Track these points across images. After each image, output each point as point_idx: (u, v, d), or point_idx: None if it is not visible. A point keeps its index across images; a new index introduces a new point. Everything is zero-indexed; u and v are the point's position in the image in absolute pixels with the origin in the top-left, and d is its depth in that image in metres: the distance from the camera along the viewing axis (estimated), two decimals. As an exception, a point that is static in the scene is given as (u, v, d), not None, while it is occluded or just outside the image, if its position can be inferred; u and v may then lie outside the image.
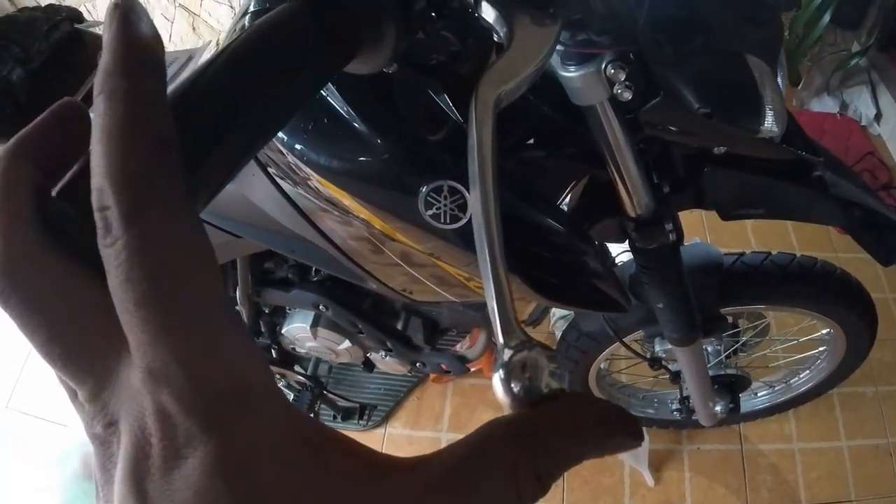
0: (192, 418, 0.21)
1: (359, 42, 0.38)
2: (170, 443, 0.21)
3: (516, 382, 0.27)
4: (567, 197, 0.92)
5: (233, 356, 0.22)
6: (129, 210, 0.22)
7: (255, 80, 0.30)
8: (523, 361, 0.28)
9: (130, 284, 0.21)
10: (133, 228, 0.22)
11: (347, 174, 0.72)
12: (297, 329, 1.47)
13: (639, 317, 1.33)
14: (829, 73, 2.77)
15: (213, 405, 0.21)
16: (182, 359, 0.21)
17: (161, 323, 0.21)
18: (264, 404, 0.22)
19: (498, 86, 0.39)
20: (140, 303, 0.21)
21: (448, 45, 0.57)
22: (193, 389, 0.21)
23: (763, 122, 0.64)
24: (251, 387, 0.22)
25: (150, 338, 0.21)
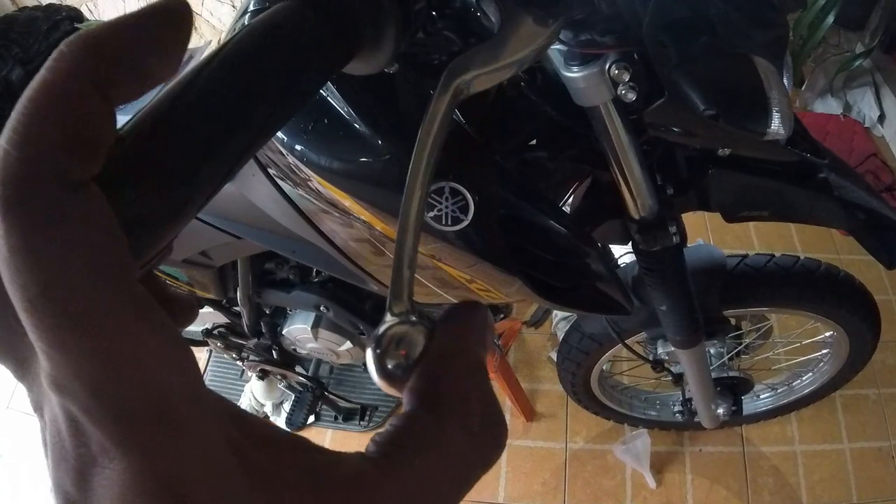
0: (104, 433, 0.18)
1: (358, 42, 0.37)
2: (85, 451, 0.19)
3: (390, 359, 0.26)
4: (569, 198, 0.92)
5: (149, 367, 0.19)
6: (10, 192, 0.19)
7: (251, 80, 0.30)
8: (399, 335, 0.27)
9: (16, 288, 0.19)
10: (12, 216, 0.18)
11: (348, 175, 0.71)
12: (298, 330, 1.47)
13: (641, 319, 1.32)
14: (833, 74, 2.76)
15: (125, 425, 0.19)
16: (85, 375, 0.18)
17: (57, 332, 0.18)
18: (192, 419, 0.20)
19: (469, 69, 0.38)
20: (29, 308, 0.18)
21: (450, 44, 0.56)
22: (100, 407, 0.18)
23: (770, 124, 0.63)
24: (170, 402, 0.20)
25: (47, 348, 0.18)
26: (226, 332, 1.66)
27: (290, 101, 0.32)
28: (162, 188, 0.26)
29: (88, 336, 0.18)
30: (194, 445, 0.19)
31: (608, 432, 2.04)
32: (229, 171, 0.29)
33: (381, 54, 0.40)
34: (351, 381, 2.18)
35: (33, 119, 0.19)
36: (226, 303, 1.52)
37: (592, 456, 2.02)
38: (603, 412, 1.90)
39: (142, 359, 0.19)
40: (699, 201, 0.90)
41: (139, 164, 0.24)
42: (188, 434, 0.19)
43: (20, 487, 2.12)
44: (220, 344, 1.67)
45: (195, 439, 0.20)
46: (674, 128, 0.72)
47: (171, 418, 0.19)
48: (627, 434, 2.00)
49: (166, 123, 0.26)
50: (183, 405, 0.20)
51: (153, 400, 0.19)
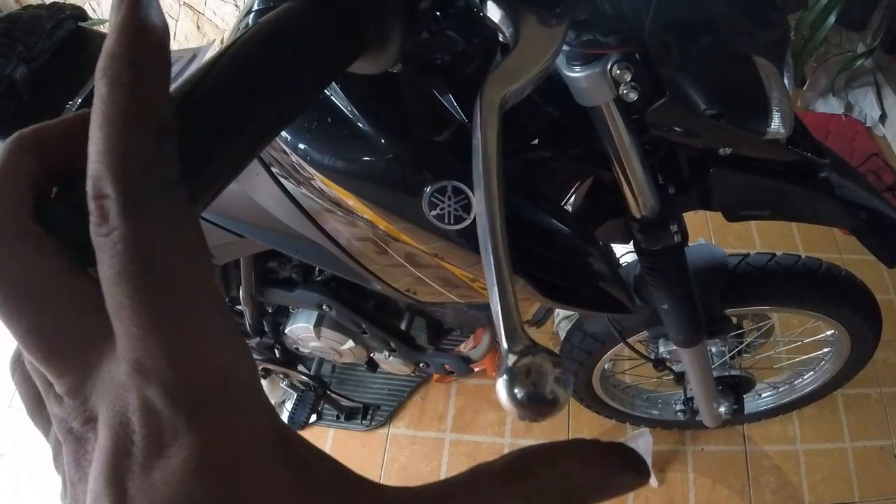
0: (179, 413, 0.20)
1: (364, 41, 0.38)
2: (154, 438, 0.20)
3: (520, 389, 0.27)
4: (571, 198, 0.92)
5: (221, 353, 0.22)
6: (128, 200, 0.21)
7: (258, 79, 0.30)
8: (528, 367, 0.27)
9: (125, 277, 0.21)
10: (131, 219, 0.21)
11: (351, 174, 0.71)
12: (300, 329, 1.47)
13: (643, 318, 1.32)
14: (835, 74, 2.76)
15: (200, 401, 0.21)
16: (173, 354, 0.21)
17: (153, 317, 0.21)
18: (249, 403, 0.22)
19: (503, 86, 0.39)
20: (133, 296, 0.21)
21: (453, 44, 0.57)
22: (181, 385, 0.20)
23: (770, 123, 0.64)
24: (237, 385, 0.22)
25: (141, 331, 0.21)
26: (228, 331, 1.66)
27: (295, 100, 0.32)
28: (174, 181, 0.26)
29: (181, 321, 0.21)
30: (251, 430, 0.21)
31: (610, 431, 2.04)
32: (235, 169, 0.30)
33: (386, 54, 0.40)
34: (353, 380, 2.18)
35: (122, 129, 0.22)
36: (228, 301, 1.52)
37: (594, 455, 2.01)
38: (605, 411, 1.90)
39: (220, 343, 0.22)
40: (700, 200, 0.90)
41: None
42: (248, 419, 0.22)
43: (20, 487, 2.13)
44: (222, 343, 1.67)
45: (252, 425, 0.22)
46: (675, 127, 0.72)
47: (236, 401, 0.22)
48: (629, 433, 2.00)
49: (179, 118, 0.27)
50: (246, 390, 0.22)
51: (225, 382, 0.22)
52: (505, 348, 0.29)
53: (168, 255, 0.22)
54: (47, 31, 1.21)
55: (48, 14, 1.25)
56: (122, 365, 0.21)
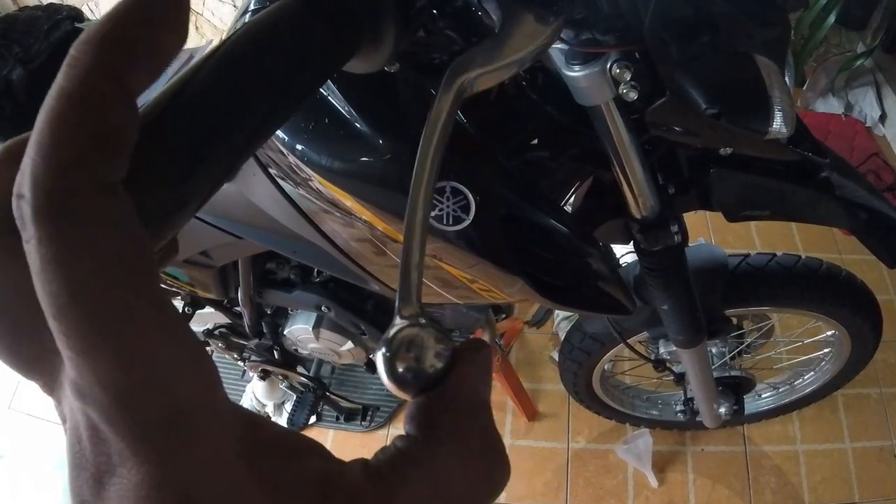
0: (123, 440, 0.19)
1: (358, 40, 0.37)
2: (104, 458, 0.19)
3: (401, 362, 0.26)
4: (571, 198, 0.92)
5: (169, 375, 0.20)
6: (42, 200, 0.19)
7: (249, 78, 0.30)
8: (410, 339, 0.26)
9: (46, 294, 0.19)
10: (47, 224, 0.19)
11: (349, 175, 0.71)
12: (299, 330, 1.47)
13: (643, 318, 1.32)
14: (834, 74, 2.76)
15: (145, 432, 0.19)
16: (108, 380, 0.19)
17: (83, 338, 0.19)
18: (205, 428, 0.20)
19: (471, 68, 0.38)
20: (57, 315, 0.19)
21: (451, 44, 0.56)
22: (121, 412, 0.19)
23: (772, 122, 0.63)
24: (191, 411, 0.20)
25: (72, 354, 0.19)
26: (227, 333, 1.66)
27: (289, 100, 0.32)
28: (160, 186, 0.25)
29: (114, 343, 0.19)
30: (206, 455, 0.20)
31: (610, 432, 2.04)
32: (228, 169, 0.29)
33: (381, 52, 0.39)
34: (352, 381, 2.18)
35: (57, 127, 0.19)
36: (227, 303, 1.52)
37: (594, 455, 2.02)
38: (605, 412, 1.90)
39: (164, 367, 0.20)
40: (700, 201, 0.89)
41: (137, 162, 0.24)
42: (202, 445, 0.20)
43: (20, 487, 2.13)
44: (221, 344, 1.67)
45: (208, 450, 0.20)
46: (675, 127, 0.72)
47: (186, 428, 0.20)
48: (629, 434, 2.00)
49: (165, 121, 0.26)
50: (199, 415, 0.20)
51: (171, 409, 0.20)
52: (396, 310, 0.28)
53: (98, 266, 0.19)
54: (44, 32, 1.21)
55: (45, 15, 1.25)
56: (66, 383, 0.20)
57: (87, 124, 0.20)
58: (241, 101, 0.29)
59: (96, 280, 0.19)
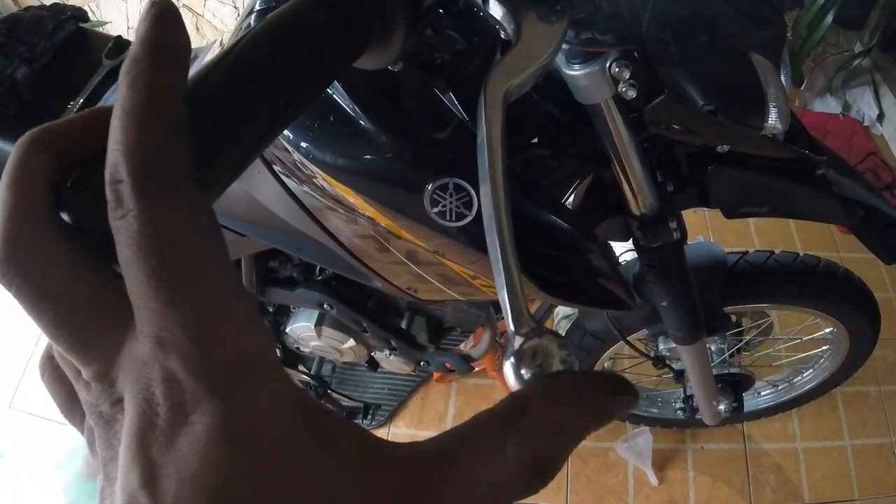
0: (201, 383, 0.21)
1: (368, 37, 0.38)
2: (177, 407, 0.21)
3: (527, 369, 0.28)
4: (571, 196, 0.92)
5: (239, 328, 0.23)
6: (142, 182, 0.22)
7: (263, 75, 0.30)
8: (534, 348, 0.28)
9: (142, 255, 0.22)
10: (145, 200, 0.22)
11: (353, 172, 0.72)
12: (301, 328, 1.47)
13: (643, 316, 1.33)
14: (832, 73, 2.77)
15: (220, 372, 0.22)
16: (190, 327, 0.22)
17: (171, 292, 0.22)
18: (268, 376, 0.23)
19: (506, 81, 0.40)
20: (151, 273, 0.22)
21: (454, 43, 0.57)
22: (201, 356, 0.22)
23: (767, 118, 0.64)
24: (256, 359, 0.23)
25: (160, 306, 0.22)
26: (229, 331, 1.66)
27: (300, 96, 0.33)
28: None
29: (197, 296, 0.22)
30: (272, 401, 0.23)
31: (610, 430, 2.04)
32: (240, 166, 0.30)
33: (390, 50, 0.40)
34: (354, 379, 2.18)
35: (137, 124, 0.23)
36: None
37: (594, 454, 2.02)
38: (604, 410, 1.90)
39: (237, 318, 0.23)
40: (699, 198, 0.90)
41: None
42: (268, 390, 0.23)
43: (20, 487, 2.13)
44: (223, 343, 1.67)
45: (273, 395, 0.23)
46: (674, 125, 0.72)
47: (256, 373, 0.23)
48: (629, 432, 2.00)
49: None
50: (265, 364, 0.23)
51: (243, 355, 0.23)
52: (511, 331, 0.29)
53: (181, 235, 0.23)
54: (49, 32, 1.22)
55: (50, 15, 1.26)
56: (143, 342, 0.22)
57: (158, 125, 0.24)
58: (254, 98, 0.30)
59: (182, 244, 0.23)
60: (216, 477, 0.20)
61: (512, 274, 0.31)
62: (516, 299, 0.30)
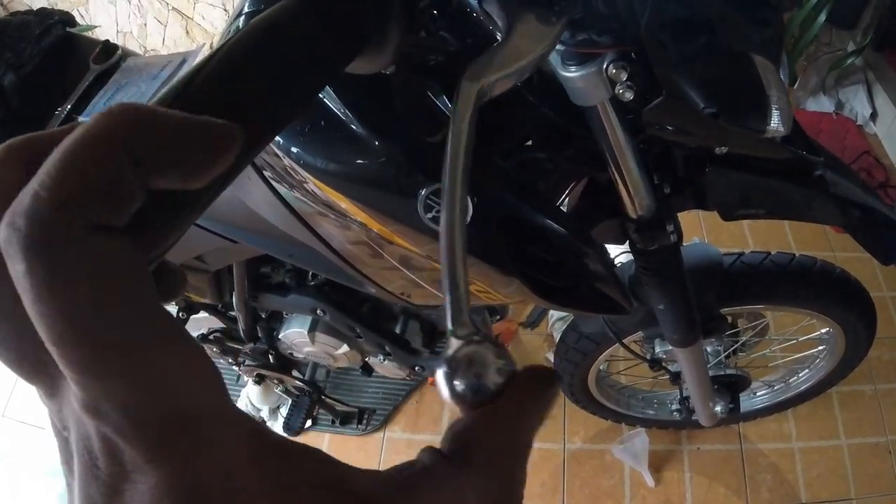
0: (136, 450, 0.19)
1: (362, 41, 0.37)
2: (118, 467, 0.20)
3: (461, 380, 0.26)
4: (566, 199, 0.91)
5: (175, 388, 0.20)
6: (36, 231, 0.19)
7: (252, 81, 0.29)
8: (470, 356, 0.27)
9: (43, 324, 0.19)
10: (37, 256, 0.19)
11: (345, 177, 0.71)
12: (294, 334, 1.47)
13: (639, 318, 1.32)
14: (825, 72, 2.77)
15: (158, 438, 0.20)
16: (115, 398, 0.19)
17: (86, 363, 0.19)
18: (218, 434, 0.21)
19: (483, 76, 0.38)
20: (58, 343, 0.19)
21: (447, 45, 0.56)
22: (133, 427, 0.19)
23: (770, 121, 0.63)
24: (202, 417, 0.21)
25: (79, 378, 0.19)
26: (222, 337, 1.65)
27: (291, 103, 0.32)
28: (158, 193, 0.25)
29: (119, 361, 0.19)
30: (219, 458, 0.21)
31: (606, 432, 2.04)
32: (230, 174, 0.29)
33: (384, 54, 0.39)
34: (348, 384, 2.17)
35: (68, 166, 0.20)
36: (221, 307, 1.52)
37: (591, 456, 2.01)
38: (601, 412, 1.90)
39: (172, 378, 0.20)
40: (696, 200, 0.89)
41: None
42: (214, 449, 0.21)
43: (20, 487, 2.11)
44: (215, 349, 1.67)
45: (220, 453, 0.21)
46: (671, 127, 0.72)
47: (198, 433, 0.20)
48: (625, 433, 2.00)
49: None
50: (209, 420, 0.21)
51: (182, 417, 0.20)
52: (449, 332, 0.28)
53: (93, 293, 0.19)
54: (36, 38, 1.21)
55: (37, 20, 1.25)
56: (74, 401, 0.20)
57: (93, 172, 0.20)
58: (242, 105, 0.29)
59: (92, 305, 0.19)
60: None
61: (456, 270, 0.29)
62: (458, 299, 0.29)
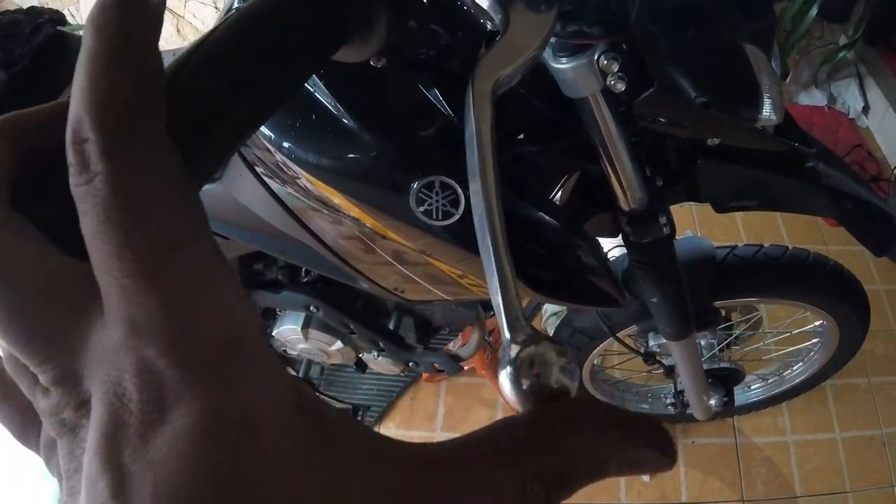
0: (182, 372, 0.18)
1: (350, 27, 0.37)
2: (154, 402, 0.18)
3: (525, 379, 0.26)
4: (558, 192, 0.91)
5: (225, 306, 0.20)
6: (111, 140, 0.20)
7: (238, 70, 0.29)
8: (531, 357, 0.27)
9: (110, 224, 0.19)
10: (115, 160, 0.20)
11: (337, 172, 0.70)
12: (288, 331, 1.46)
13: (632, 312, 1.32)
14: (817, 66, 2.78)
15: (205, 358, 0.19)
16: (170, 306, 0.19)
17: (145, 267, 0.19)
18: (259, 360, 0.20)
19: (495, 73, 0.38)
20: (122, 243, 0.19)
21: (438, 38, 0.56)
22: (181, 340, 0.19)
23: (761, 110, 0.63)
24: (246, 340, 0.20)
25: (133, 283, 0.19)
26: (215, 335, 1.65)
27: (278, 90, 0.31)
28: None
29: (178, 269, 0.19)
30: (265, 386, 0.20)
31: (600, 427, 2.03)
32: (215, 165, 0.29)
33: (372, 40, 0.39)
34: (342, 381, 2.17)
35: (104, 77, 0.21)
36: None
37: (585, 451, 2.01)
38: (595, 407, 1.89)
39: (222, 297, 0.20)
40: (689, 192, 0.89)
41: None
42: (261, 372, 0.20)
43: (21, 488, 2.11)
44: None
45: (267, 377, 0.20)
46: (663, 118, 0.71)
47: (245, 358, 0.20)
48: (620, 428, 2.00)
49: None
50: (255, 346, 0.20)
51: (231, 337, 0.20)
52: (507, 339, 0.28)
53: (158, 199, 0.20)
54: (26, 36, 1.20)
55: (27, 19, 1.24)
56: (113, 328, 0.19)
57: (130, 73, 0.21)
58: (228, 93, 0.28)
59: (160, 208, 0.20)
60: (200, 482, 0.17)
61: (506, 277, 0.29)
62: (511, 305, 0.29)
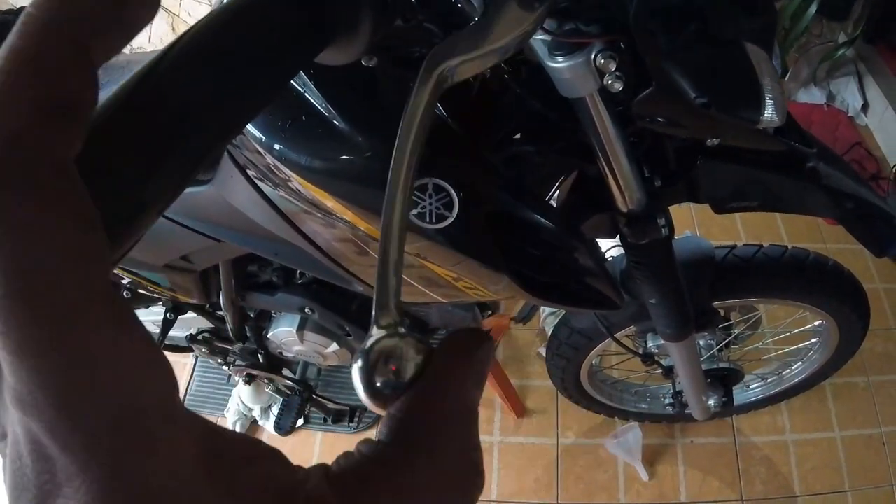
0: (68, 455, 0.17)
1: (333, 28, 0.35)
2: (47, 475, 0.17)
3: (379, 376, 0.24)
4: (556, 193, 0.90)
5: (120, 379, 0.18)
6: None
7: (214, 71, 0.27)
8: (388, 350, 0.25)
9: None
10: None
11: (329, 174, 0.69)
12: (283, 333, 1.45)
13: (631, 313, 1.31)
14: (816, 64, 2.77)
15: (94, 440, 0.17)
16: (48, 386, 0.17)
17: (23, 337, 0.16)
18: (164, 433, 0.18)
19: (446, 58, 0.36)
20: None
21: (430, 37, 0.54)
22: (66, 424, 0.17)
23: (763, 111, 0.62)
24: (146, 415, 0.18)
25: (10, 355, 0.16)
26: (210, 338, 1.64)
27: (258, 94, 0.30)
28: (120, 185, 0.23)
29: (58, 341, 0.17)
30: (165, 463, 0.18)
31: (599, 427, 2.04)
32: (192, 169, 0.27)
33: (357, 42, 0.37)
34: (339, 382, 2.16)
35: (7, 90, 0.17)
36: (209, 307, 1.50)
37: (584, 451, 2.01)
38: (594, 407, 1.89)
39: (116, 367, 0.18)
40: (688, 193, 0.88)
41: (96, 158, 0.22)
42: (160, 451, 0.18)
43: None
44: (204, 349, 1.65)
45: (166, 457, 0.18)
46: (662, 118, 0.70)
47: (142, 433, 0.17)
48: (619, 428, 2.00)
49: (121, 119, 0.24)
50: (156, 418, 0.18)
51: (126, 408, 0.17)
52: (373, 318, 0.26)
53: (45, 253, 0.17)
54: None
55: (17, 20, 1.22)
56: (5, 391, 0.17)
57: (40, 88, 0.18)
58: (204, 95, 0.27)
59: (42, 268, 0.17)
60: None
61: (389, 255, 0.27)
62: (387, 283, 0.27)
